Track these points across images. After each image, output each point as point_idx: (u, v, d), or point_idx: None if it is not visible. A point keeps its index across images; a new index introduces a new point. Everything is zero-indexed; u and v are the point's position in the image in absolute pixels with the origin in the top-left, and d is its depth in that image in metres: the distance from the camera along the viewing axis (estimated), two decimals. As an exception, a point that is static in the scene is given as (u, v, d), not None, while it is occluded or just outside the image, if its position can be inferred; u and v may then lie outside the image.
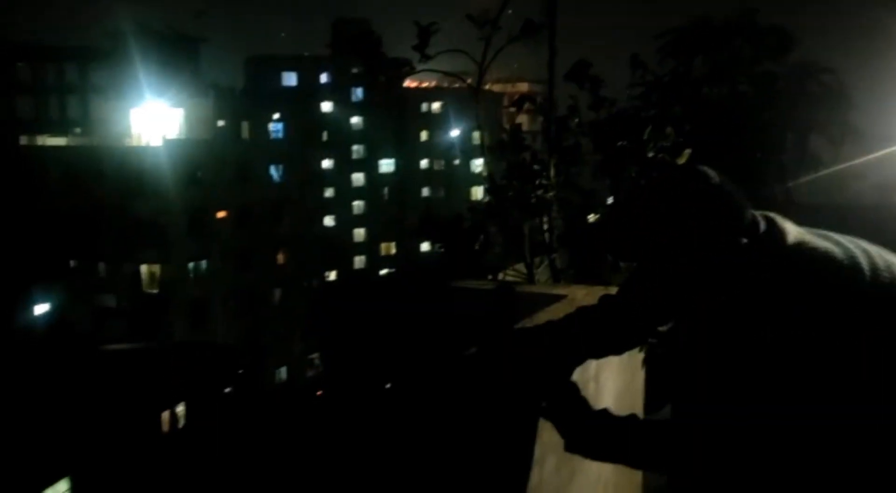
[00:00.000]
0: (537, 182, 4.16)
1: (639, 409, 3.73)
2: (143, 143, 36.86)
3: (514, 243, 4.39)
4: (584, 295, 3.51)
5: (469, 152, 51.02)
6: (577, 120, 4.72)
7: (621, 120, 5.25)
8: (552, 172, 4.18)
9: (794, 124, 6.15)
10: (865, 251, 1.33)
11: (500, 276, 4.17)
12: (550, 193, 4.05)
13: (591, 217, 5.04)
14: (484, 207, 4.66)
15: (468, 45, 4.43)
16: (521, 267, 4.25)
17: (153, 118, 37.52)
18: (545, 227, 4.17)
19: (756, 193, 6.74)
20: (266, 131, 42.52)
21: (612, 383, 3.21)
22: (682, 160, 4.19)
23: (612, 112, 5.25)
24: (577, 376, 2.76)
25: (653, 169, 4.17)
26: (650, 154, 4.42)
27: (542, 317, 3.09)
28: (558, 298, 3.43)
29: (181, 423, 26.80)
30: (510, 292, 2.15)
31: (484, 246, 4.28)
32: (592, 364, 2.92)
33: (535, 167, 4.28)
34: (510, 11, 4.17)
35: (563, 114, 4.59)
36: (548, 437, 2.49)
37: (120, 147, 36.69)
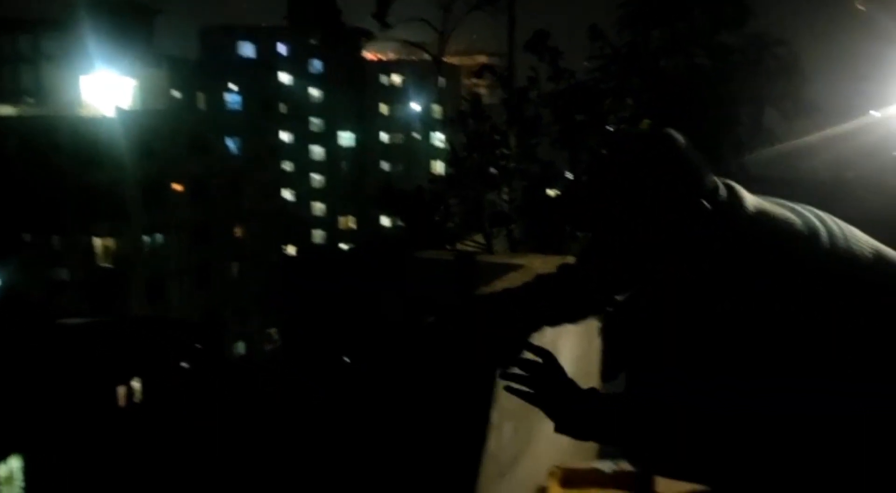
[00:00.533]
0: (497, 153, 4.17)
1: (595, 377, 3.80)
2: (96, 113, 35.88)
3: (473, 214, 4.41)
4: (541, 264, 3.54)
5: (430, 126, 50.78)
6: (536, 91, 4.74)
7: (580, 92, 5.28)
8: (512, 143, 4.19)
9: (750, 97, 6.22)
10: (822, 220, 1.33)
11: (459, 246, 4.19)
12: (510, 164, 4.07)
13: (551, 192, 5.08)
14: (444, 178, 4.67)
15: (427, 15, 4.40)
16: (480, 238, 4.27)
17: (106, 88, 36.52)
18: (504, 198, 4.20)
19: (712, 165, 6.82)
20: (222, 103, 41.76)
21: (569, 350, 3.25)
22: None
23: (572, 83, 5.28)
24: (533, 342, 2.80)
25: (616, 135, 4.22)
26: (609, 126, 4.46)
27: (500, 286, 3.11)
28: (516, 267, 3.46)
29: (137, 398, 26.49)
30: (470, 262, 2.16)
31: (444, 217, 4.29)
32: (548, 331, 2.95)
33: (496, 137, 4.29)
34: (470, -20, 4.14)
35: (523, 85, 4.61)
36: (506, 403, 2.52)
37: (72, 117, 35.68)
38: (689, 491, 2.37)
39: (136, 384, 26.70)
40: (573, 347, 3.31)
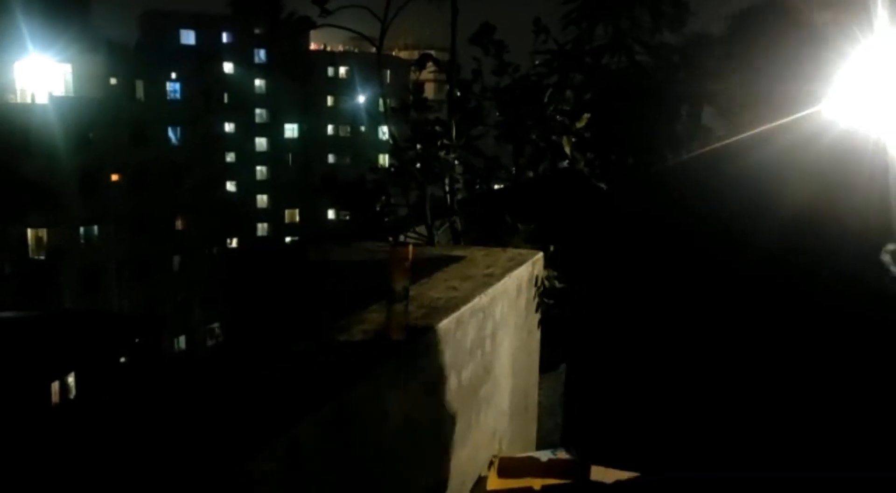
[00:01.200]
0: (439, 143, 4.16)
1: (535, 367, 3.83)
2: (28, 100, 34.62)
3: (416, 206, 4.39)
4: (482, 256, 3.55)
5: (376, 118, 50.42)
6: (480, 84, 4.74)
7: (524, 86, 5.30)
8: (454, 134, 4.18)
9: (689, 95, 6.34)
10: None
11: (402, 238, 4.17)
12: (452, 155, 4.06)
13: (497, 185, 5.10)
14: (386, 169, 4.63)
15: (372, 4, 4.35)
16: (422, 229, 4.26)
17: (39, 74, 35.23)
18: (447, 189, 4.18)
19: (652, 162, 6.96)
20: (163, 91, 40.72)
21: (509, 341, 3.27)
22: (580, 124, 4.28)
23: (516, 78, 5.30)
24: (473, 333, 2.81)
25: (552, 132, 4.24)
26: (551, 119, 4.49)
27: (440, 277, 3.11)
28: (457, 259, 3.46)
29: (72, 393, 25.73)
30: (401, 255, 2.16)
31: (385, 208, 4.26)
32: (489, 322, 2.96)
33: (438, 129, 4.27)
34: (414, -31, 4.11)
35: (468, 78, 4.60)
36: (446, 396, 2.52)
37: (3, 104, 34.35)
38: (622, 479, 2.41)
39: (70, 380, 25.92)
40: (512, 337, 3.34)
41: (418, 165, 4.27)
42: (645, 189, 5.96)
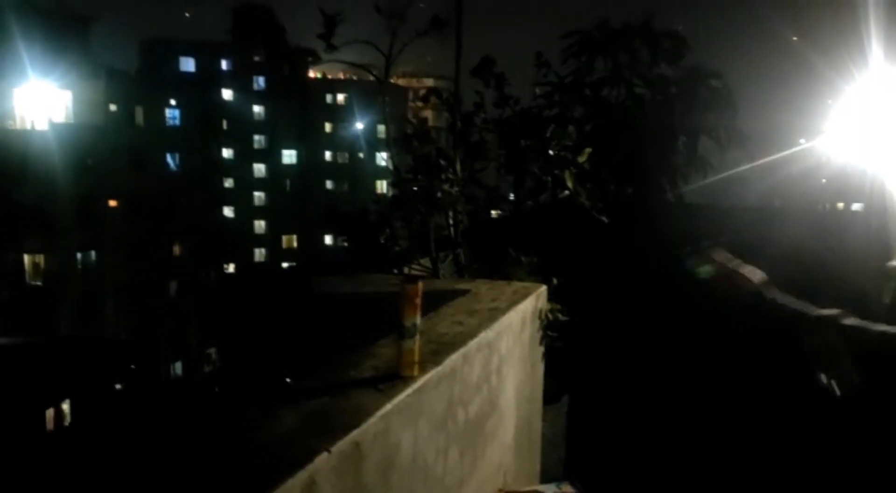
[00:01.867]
0: (443, 177, 4.21)
1: (538, 400, 3.85)
2: (28, 126, 34.76)
3: (418, 237, 4.43)
4: (487, 290, 3.59)
5: (374, 145, 50.66)
6: (482, 116, 4.81)
7: (525, 118, 5.38)
8: (458, 167, 4.24)
9: (686, 127, 6.44)
10: None
11: (406, 270, 4.21)
12: (455, 188, 4.11)
13: (495, 213, 5.15)
14: (389, 200, 4.68)
15: (375, 38, 4.43)
16: (426, 261, 4.29)
17: (39, 100, 35.40)
18: (450, 222, 4.23)
19: (650, 193, 7.03)
20: (162, 118, 40.92)
21: (514, 374, 3.30)
22: (582, 158, 4.35)
23: (517, 110, 5.38)
24: (479, 368, 2.84)
25: (554, 166, 4.31)
26: (552, 152, 4.56)
27: (446, 312, 3.15)
28: (462, 292, 3.50)
29: (67, 420, 25.53)
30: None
31: (389, 240, 4.30)
32: (495, 357, 2.99)
33: (442, 162, 4.33)
34: (422, 5, 4.20)
35: (469, 110, 4.67)
36: (451, 428, 2.55)
37: (2, 129, 34.48)
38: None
39: (65, 407, 25.74)
40: (517, 372, 3.37)
41: (421, 196, 4.32)
42: (645, 224, 6.03)
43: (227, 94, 51.23)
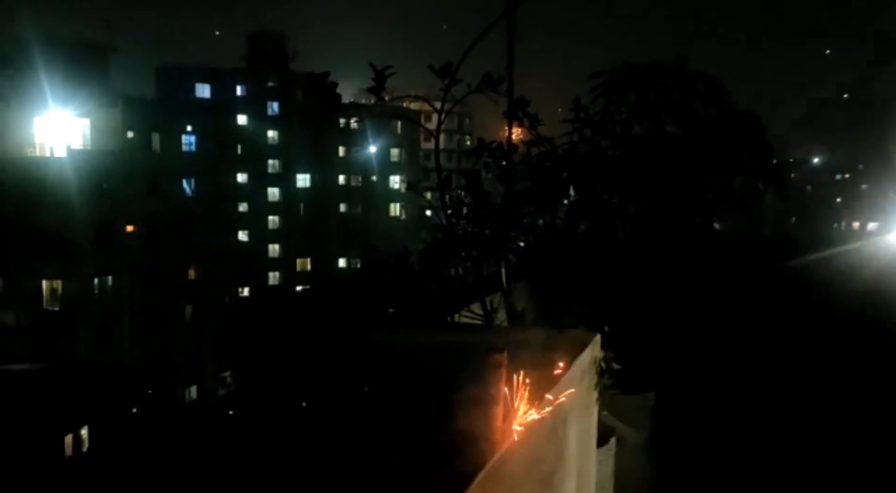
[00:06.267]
0: (492, 226, 4.30)
1: (594, 446, 3.91)
2: (47, 153, 35.19)
3: (465, 282, 4.50)
4: (544, 339, 3.66)
5: (387, 169, 50.96)
6: (526, 164, 4.91)
7: (558, 158, 5.47)
8: (508, 215, 4.33)
9: (719, 165, 6.50)
10: None
11: (457, 317, 4.28)
12: (512, 234, 4.20)
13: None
14: (434, 245, 4.76)
15: (411, 71, 4.54)
16: (476, 307, 4.36)
17: (58, 128, 35.88)
18: (501, 268, 4.31)
19: (678, 225, 7.07)
20: (178, 144, 41.33)
21: (576, 425, 3.37)
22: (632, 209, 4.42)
23: (548, 149, 5.47)
24: (549, 424, 2.90)
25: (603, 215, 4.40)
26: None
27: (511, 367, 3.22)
28: (521, 343, 3.57)
29: (85, 446, 25.60)
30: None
31: (440, 288, 4.37)
32: (562, 411, 3.06)
33: (486, 211, 4.41)
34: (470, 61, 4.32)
35: (517, 159, 4.78)
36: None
37: (22, 157, 34.93)
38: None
39: (83, 433, 25.81)
40: (578, 421, 3.43)
41: (471, 242, 4.39)
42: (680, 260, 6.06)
43: (241, 119, 51.74)
